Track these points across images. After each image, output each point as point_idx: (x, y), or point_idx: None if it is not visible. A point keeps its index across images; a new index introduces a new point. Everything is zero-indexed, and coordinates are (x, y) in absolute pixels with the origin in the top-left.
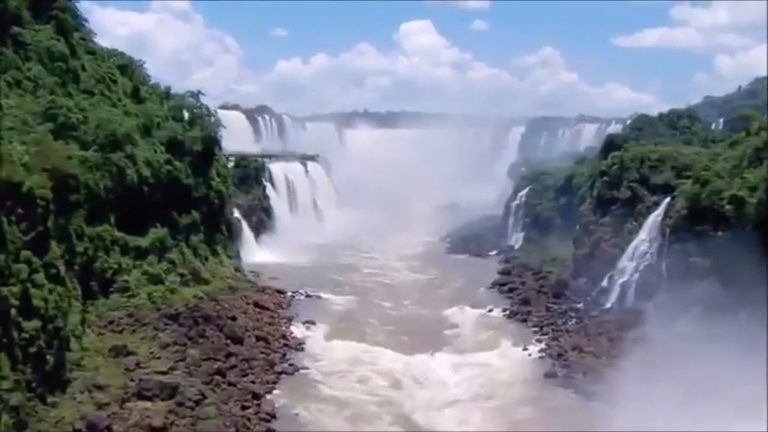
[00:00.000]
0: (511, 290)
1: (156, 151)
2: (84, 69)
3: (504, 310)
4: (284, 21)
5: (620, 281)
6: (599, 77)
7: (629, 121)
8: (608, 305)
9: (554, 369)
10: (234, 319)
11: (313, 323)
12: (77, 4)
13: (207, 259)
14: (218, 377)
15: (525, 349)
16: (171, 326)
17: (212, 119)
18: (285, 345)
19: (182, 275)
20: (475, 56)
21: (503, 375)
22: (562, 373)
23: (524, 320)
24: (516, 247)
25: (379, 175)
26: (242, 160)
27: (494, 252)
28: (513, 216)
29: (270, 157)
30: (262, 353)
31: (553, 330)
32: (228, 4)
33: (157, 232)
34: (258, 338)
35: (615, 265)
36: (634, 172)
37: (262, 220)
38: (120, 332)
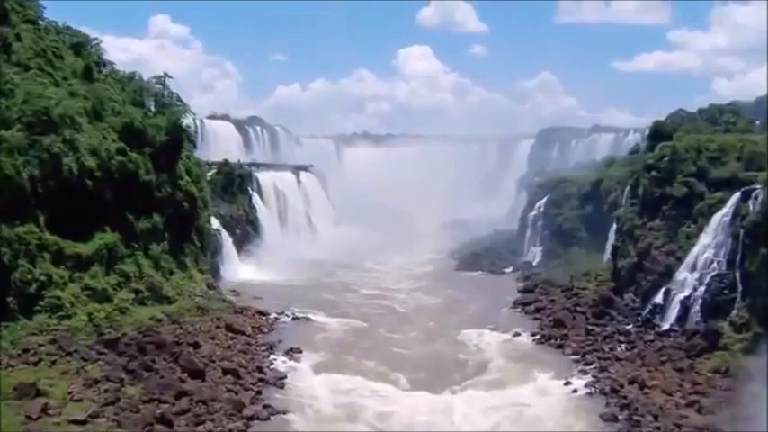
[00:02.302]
0: (538, 309)
1: (105, 138)
2: (18, 39)
3: (534, 334)
4: (283, 46)
5: (680, 296)
6: (598, 102)
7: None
8: (665, 326)
9: (610, 410)
10: (196, 346)
11: (299, 351)
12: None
13: (171, 273)
14: (160, 427)
15: (568, 383)
16: (106, 355)
17: (181, 106)
18: (261, 380)
19: (137, 292)
20: (474, 81)
21: (549, 422)
22: (623, 416)
23: (560, 346)
24: (535, 263)
25: (380, 191)
26: (224, 166)
27: (509, 269)
28: (531, 228)
29: (258, 165)
30: (228, 391)
31: (599, 359)
32: (228, 30)
33: (105, 237)
34: (225, 371)
35: (672, 277)
36: (690, 164)
37: (247, 233)
38: (36, 364)
